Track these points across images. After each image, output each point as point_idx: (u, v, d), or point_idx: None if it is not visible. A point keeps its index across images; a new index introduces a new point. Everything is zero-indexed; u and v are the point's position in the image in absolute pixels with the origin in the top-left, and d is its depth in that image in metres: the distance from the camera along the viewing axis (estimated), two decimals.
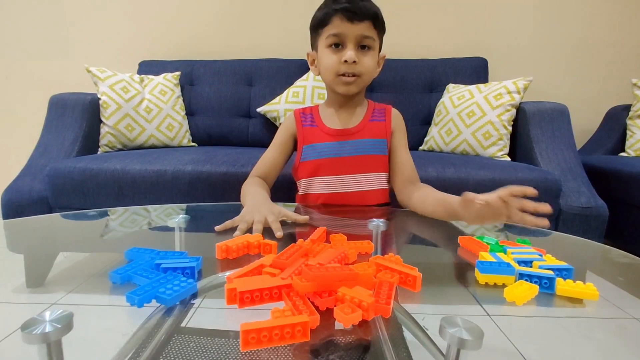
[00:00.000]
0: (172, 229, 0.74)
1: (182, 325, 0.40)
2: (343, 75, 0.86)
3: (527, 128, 1.58)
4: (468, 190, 1.30)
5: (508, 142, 1.63)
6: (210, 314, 0.44)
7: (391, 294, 0.43)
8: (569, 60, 2.10)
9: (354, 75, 0.86)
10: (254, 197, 0.82)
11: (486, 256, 0.53)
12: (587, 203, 1.32)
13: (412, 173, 0.93)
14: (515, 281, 0.48)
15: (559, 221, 1.34)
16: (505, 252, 0.56)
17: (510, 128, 1.62)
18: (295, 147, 0.99)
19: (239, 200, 0.90)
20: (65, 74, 2.20)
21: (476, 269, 0.50)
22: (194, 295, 0.45)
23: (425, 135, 1.83)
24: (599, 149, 1.90)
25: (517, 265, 0.50)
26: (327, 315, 0.41)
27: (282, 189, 1.08)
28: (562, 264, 0.51)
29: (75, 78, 2.14)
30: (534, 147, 1.53)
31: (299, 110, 1.00)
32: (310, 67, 0.95)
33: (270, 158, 0.98)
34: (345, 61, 0.83)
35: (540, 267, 0.50)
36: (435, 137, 1.76)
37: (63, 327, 0.39)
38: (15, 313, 0.44)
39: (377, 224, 0.74)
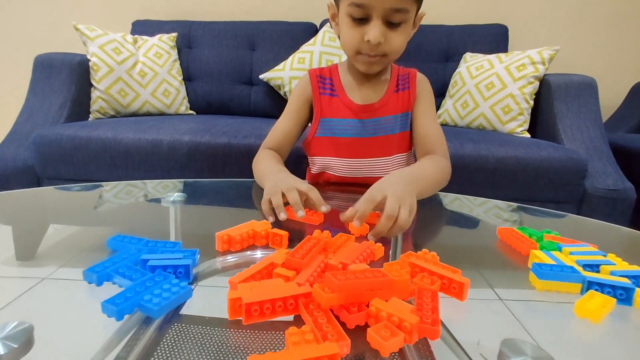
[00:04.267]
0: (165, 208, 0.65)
1: (181, 312, 0.35)
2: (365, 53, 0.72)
3: (550, 102, 1.47)
4: (489, 168, 1.22)
5: (529, 117, 1.52)
6: (213, 298, 0.39)
7: (437, 308, 0.34)
8: (594, 29, 1.95)
9: (377, 55, 0.72)
10: (272, 170, 0.71)
11: (540, 256, 0.44)
12: (614, 185, 1.23)
13: (433, 145, 0.79)
14: (583, 291, 0.39)
15: (582, 204, 1.25)
16: (560, 250, 0.47)
17: (532, 102, 1.51)
18: (310, 115, 0.86)
19: (241, 175, 0.81)
20: (51, 32, 2.04)
21: (531, 273, 0.42)
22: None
23: (438, 108, 1.72)
24: (622, 127, 1.79)
25: (581, 269, 0.41)
26: (355, 334, 0.32)
27: (287, 162, 0.98)
28: (637, 268, 0.42)
29: (63, 36, 1.99)
30: (557, 124, 1.43)
31: (315, 71, 0.85)
32: (330, 22, 0.79)
33: (283, 128, 0.84)
34: (369, 40, 0.68)
35: (611, 273, 0.41)
36: (449, 110, 1.64)
37: (20, 346, 0.30)
38: (5, 286, 0.41)
39: None
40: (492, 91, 1.53)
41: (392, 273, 0.37)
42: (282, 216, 0.55)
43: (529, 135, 1.50)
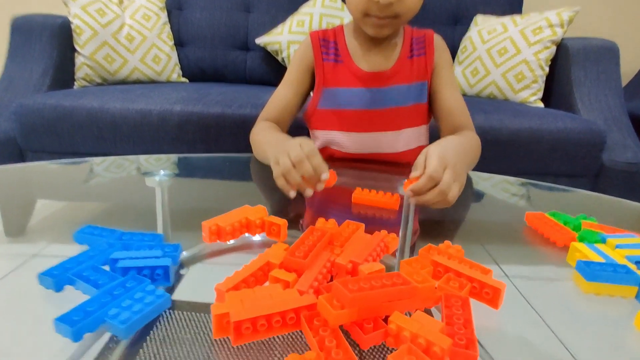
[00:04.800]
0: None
1: (174, 298, 0.32)
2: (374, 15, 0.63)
3: (567, 69, 1.37)
4: (502, 141, 1.14)
5: (543, 85, 1.42)
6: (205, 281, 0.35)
7: (471, 322, 0.28)
8: None
9: (388, 17, 0.63)
10: (275, 139, 0.62)
11: (584, 250, 0.37)
12: (634, 158, 1.16)
13: (461, 120, 0.71)
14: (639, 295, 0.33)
15: (599, 178, 1.18)
16: (604, 241, 0.40)
17: (547, 69, 1.41)
18: (312, 84, 0.76)
19: (236, 148, 0.74)
20: None
21: (575, 271, 0.35)
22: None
23: None
24: (638, 95, 1.70)
25: (635, 267, 0.35)
26: (370, 358, 0.26)
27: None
28: None
29: None
30: (574, 92, 1.34)
31: (317, 34, 0.75)
32: None
33: (282, 98, 0.75)
34: (378, 1, 0.60)
35: None
36: (458, 78, 1.54)
37: None
38: None
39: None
40: (504, 57, 1.43)
41: (412, 276, 0.30)
42: (309, 192, 0.49)
43: (542, 105, 1.42)
